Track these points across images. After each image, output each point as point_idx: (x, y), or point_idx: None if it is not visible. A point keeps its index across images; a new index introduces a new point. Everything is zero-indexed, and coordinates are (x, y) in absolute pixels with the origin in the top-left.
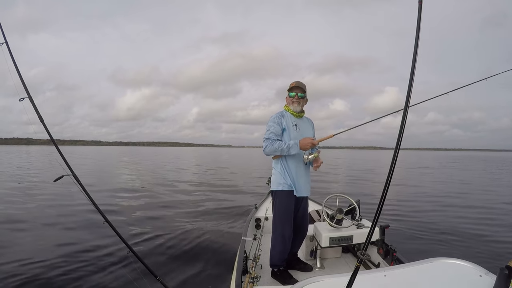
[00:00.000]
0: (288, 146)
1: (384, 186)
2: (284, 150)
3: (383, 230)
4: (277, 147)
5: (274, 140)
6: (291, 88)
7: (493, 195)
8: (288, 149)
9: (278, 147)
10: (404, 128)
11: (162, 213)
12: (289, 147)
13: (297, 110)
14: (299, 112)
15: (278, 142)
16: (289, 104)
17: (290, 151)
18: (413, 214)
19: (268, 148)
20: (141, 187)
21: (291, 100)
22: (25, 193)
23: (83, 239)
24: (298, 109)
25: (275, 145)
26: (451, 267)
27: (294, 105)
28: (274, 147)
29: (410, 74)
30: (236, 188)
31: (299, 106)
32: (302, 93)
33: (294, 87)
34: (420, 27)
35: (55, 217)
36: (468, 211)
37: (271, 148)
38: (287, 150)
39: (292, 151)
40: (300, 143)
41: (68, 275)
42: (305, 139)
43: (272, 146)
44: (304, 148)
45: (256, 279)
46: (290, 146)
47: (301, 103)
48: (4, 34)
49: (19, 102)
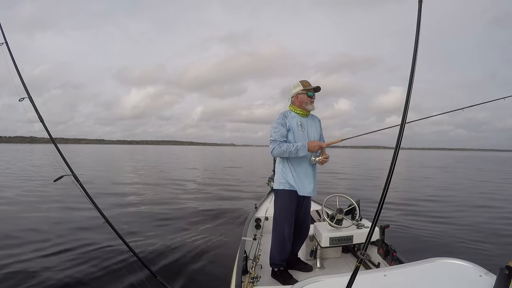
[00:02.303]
0: (297, 148)
1: (384, 186)
2: (292, 152)
3: (383, 230)
4: (285, 149)
5: (281, 142)
6: (310, 89)
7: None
8: (296, 151)
9: (286, 149)
10: (404, 128)
11: (162, 213)
12: (297, 149)
13: (313, 109)
14: (313, 110)
15: (286, 144)
16: (306, 104)
17: (298, 153)
18: (413, 214)
19: (276, 150)
20: (141, 187)
21: (309, 100)
22: (25, 193)
23: (83, 239)
24: (314, 108)
25: (283, 147)
26: (451, 267)
27: (312, 105)
28: (282, 149)
29: (410, 74)
30: (237, 187)
31: (314, 105)
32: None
33: (314, 87)
34: (420, 26)
35: (55, 217)
36: (467, 211)
37: (279, 150)
38: (295, 152)
39: (300, 153)
40: (308, 145)
41: (68, 275)
42: (314, 142)
43: (280, 148)
44: (312, 150)
45: (256, 279)
46: (299, 148)
47: (314, 102)
48: (4, 34)
49: (24, 101)
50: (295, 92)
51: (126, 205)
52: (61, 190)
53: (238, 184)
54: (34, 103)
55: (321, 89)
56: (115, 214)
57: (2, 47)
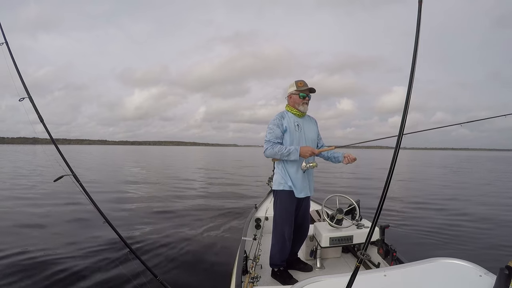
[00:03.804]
0: (288, 152)
1: (384, 186)
2: (284, 155)
3: (383, 230)
4: (277, 151)
5: (274, 144)
6: (303, 90)
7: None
8: (288, 154)
9: (278, 151)
10: (404, 127)
11: (162, 213)
12: (289, 152)
13: (306, 111)
14: (306, 112)
15: (279, 146)
16: (298, 105)
17: (290, 157)
18: (413, 214)
19: (269, 151)
20: (141, 187)
21: (301, 101)
22: (25, 193)
23: (82, 239)
24: (307, 109)
25: (275, 149)
26: (451, 267)
27: (304, 106)
28: (274, 150)
29: (410, 74)
30: (237, 187)
31: (307, 107)
32: (311, 94)
33: (307, 88)
34: (420, 26)
35: (55, 217)
36: (468, 211)
37: (271, 151)
38: (286, 155)
39: (292, 157)
40: (301, 150)
41: (68, 275)
42: (306, 147)
43: (273, 150)
44: (303, 155)
45: (256, 279)
46: (290, 151)
47: (308, 103)
48: (4, 34)
49: (25, 102)
50: (289, 91)
51: (126, 205)
52: (61, 190)
53: (238, 184)
54: (34, 103)
55: (316, 90)
56: (115, 214)
57: (2, 47)
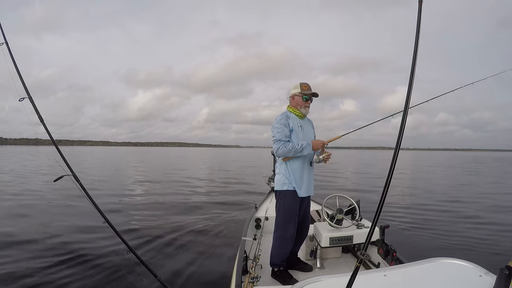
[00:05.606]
0: (302, 147)
1: (384, 186)
2: (297, 151)
3: (383, 230)
4: (291, 148)
5: (286, 142)
6: (307, 93)
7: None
8: (301, 150)
9: (292, 148)
10: (404, 127)
11: (162, 213)
12: (302, 147)
13: (307, 113)
14: (307, 115)
15: (291, 144)
16: (300, 107)
17: (303, 152)
18: (413, 214)
19: (281, 149)
20: (141, 187)
21: (304, 103)
22: (25, 193)
23: (83, 239)
24: (308, 112)
25: (288, 147)
26: (451, 267)
27: (306, 109)
28: (288, 148)
29: (410, 74)
30: (237, 187)
31: (308, 110)
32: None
33: (311, 93)
34: (420, 27)
35: (54, 217)
36: (468, 211)
37: (284, 149)
38: (300, 151)
39: (305, 152)
40: (313, 143)
41: (68, 275)
42: (317, 140)
43: (286, 148)
44: (316, 148)
45: (256, 279)
46: (304, 146)
47: (309, 106)
48: (4, 34)
49: (27, 102)
50: (293, 93)
51: (126, 205)
52: (61, 190)
53: (239, 184)
54: (34, 103)
55: (318, 95)
56: (115, 214)
57: (2, 47)
